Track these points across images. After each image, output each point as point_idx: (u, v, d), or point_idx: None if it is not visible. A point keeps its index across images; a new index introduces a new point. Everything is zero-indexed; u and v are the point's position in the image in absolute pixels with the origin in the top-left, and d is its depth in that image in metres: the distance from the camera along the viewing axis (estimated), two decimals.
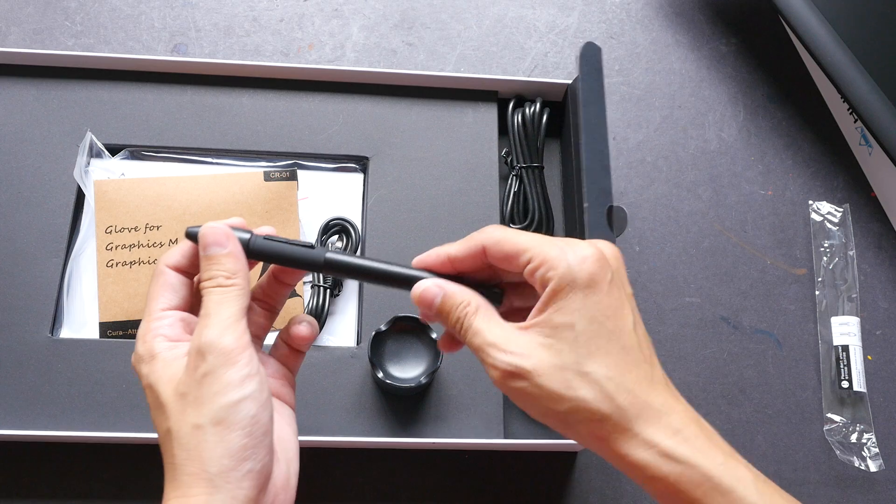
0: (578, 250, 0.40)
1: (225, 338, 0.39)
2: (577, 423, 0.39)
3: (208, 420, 0.38)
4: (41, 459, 0.61)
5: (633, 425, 0.39)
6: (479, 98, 0.72)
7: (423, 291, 0.43)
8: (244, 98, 0.70)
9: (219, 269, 0.42)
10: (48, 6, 0.77)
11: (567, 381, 0.39)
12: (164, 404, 0.39)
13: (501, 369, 0.39)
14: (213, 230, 0.42)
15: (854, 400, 0.68)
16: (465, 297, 0.42)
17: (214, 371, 0.38)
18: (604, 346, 0.39)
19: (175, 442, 0.38)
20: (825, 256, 0.73)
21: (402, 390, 0.60)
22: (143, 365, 0.41)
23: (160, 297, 0.42)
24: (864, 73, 0.70)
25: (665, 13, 0.83)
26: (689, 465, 0.38)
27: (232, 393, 0.38)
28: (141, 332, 0.42)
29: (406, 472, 0.63)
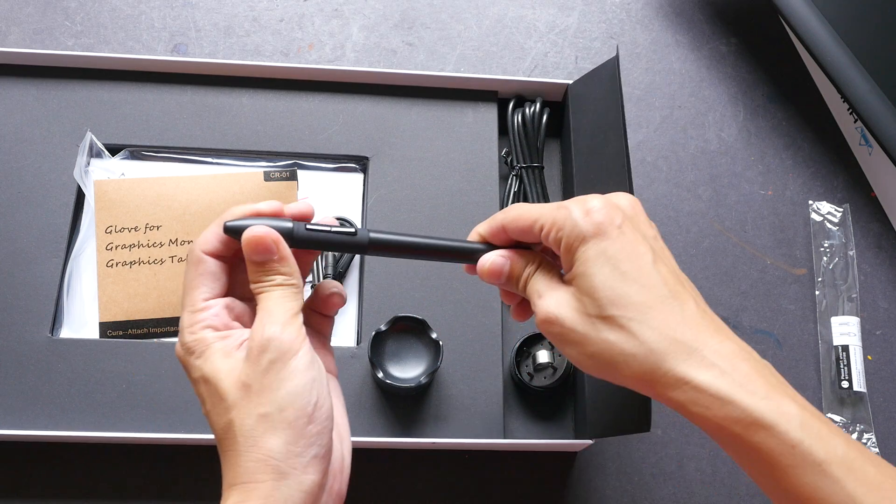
0: (584, 204, 0.42)
1: (286, 332, 0.40)
2: (612, 365, 0.40)
3: (275, 408, 0.38)
4: (41, 459, 0.61)
5: (663, 363, 0.39)
6: (479, 98, 0.72)
7: (491, 264, 0.45)
8: (244, 98, 0.70)
9: (273, 273, 0.42)
10: (48, 6, 0.77)
11: (593, 325, 0.40)
12: (224, 396, 0.39)
13: (540, 317, 0.43)
14: (259, 239, 0.41)
15: (854, 400, 0.68)
16: (527, 259, 0.45)
17: (278, 360, 0.39)
18: (622, 289, 0.40)
19: (239, 432, 0.38)
20: (825, 256, 0.73)
21: (402, 390, 0.60)
22: (194, 358, 0.41)
23: (202, 287, 0.42)
24: (864, 73, 0.70)
25: (665, 13, 0.83)
26: (727, 402, 0.37)
27: (297, 379, 0.39)
28: (186, 323, 0.42)
29: (406, 472, 0.63)
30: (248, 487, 0.38)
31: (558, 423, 0.64)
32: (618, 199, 0.43)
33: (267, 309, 0.41)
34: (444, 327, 0.64)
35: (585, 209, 0.42)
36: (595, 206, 0.42)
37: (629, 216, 0.42)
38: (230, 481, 0.38)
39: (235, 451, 0.39)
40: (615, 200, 0.43)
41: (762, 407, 0.37)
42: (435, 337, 0.61)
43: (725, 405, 0.37)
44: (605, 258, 0.41)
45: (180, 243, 0.65)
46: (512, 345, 0.65)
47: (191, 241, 0.65)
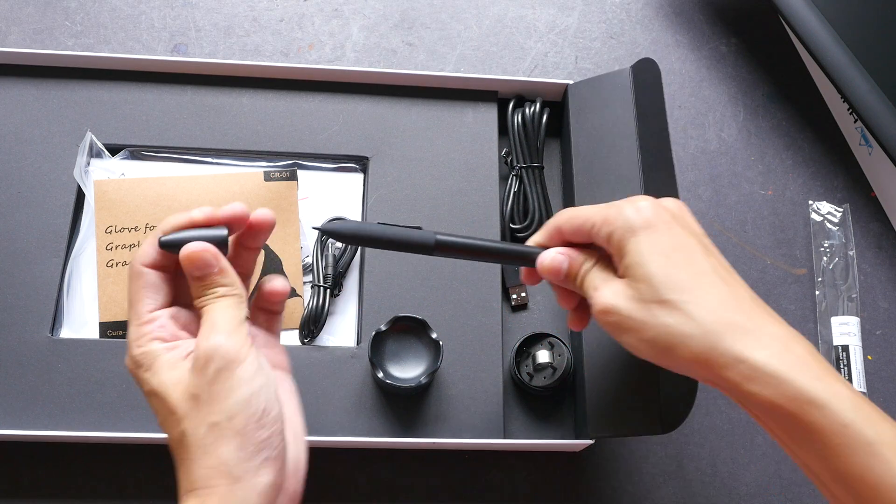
0: (634, 202, 0.45)
1: (231, 340, 0.40)
2: (669, 348, 0.42)
3: (224, 416, 0.39)
4: (41, 459, 0.61)
5: (720, 343, 0.40)
6: (479, 98, 0.72)
7: (551, 260, 0.47)
8: (244, 98, 0.70)
9: (215, 286, 0.42)
10: (48, 6, 0.77)
11: (650, 310, 0.42)
12: (174, 408, 0.40)
13: (597, 308, 0.44)
14: (196, 255, 0.42)
15: None
16: (585, 256, 0.47)
17: (224, 369, 0.39)
18: (676, 275, 0.42)
19: (191, 442, 0.39)
20: (825, 256, 0.73)
21: (402, 390, 0.60)
22: (142, 371, 0.41)
23: (144, 300, 0.42)
24: (864, 73, 0.70)
25: (665, 13, 0.83)
26: (782, 381, 0.39)
27: (244, 388, 0.39)
28: (132, 336, 0.42)
29: (406, 472, 0.63)
30: (203, 493, 0.38)
31: (558, 423, 0.64)
32: (665, 202, 0.46)
33: (211, 320, 0.41)
34: (444, 327, 0.64)
35: (636, 207, 0.44)
36: (644, 205, 0.44)
37: (677, 216, 0.45)
38: (186, 488, 0.39)
39: (189, 460, 0.39)
40: (663, 202, 0.45)
41: (816, 387, 0.38)
42: (435, 337, 0.61)
43: (781, 384, 0.39)
44: (657, 248, 0.43)
45: None
46: (512, 345, 0.65)
47: None
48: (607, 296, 0.44)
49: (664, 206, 0.45)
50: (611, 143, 0.65)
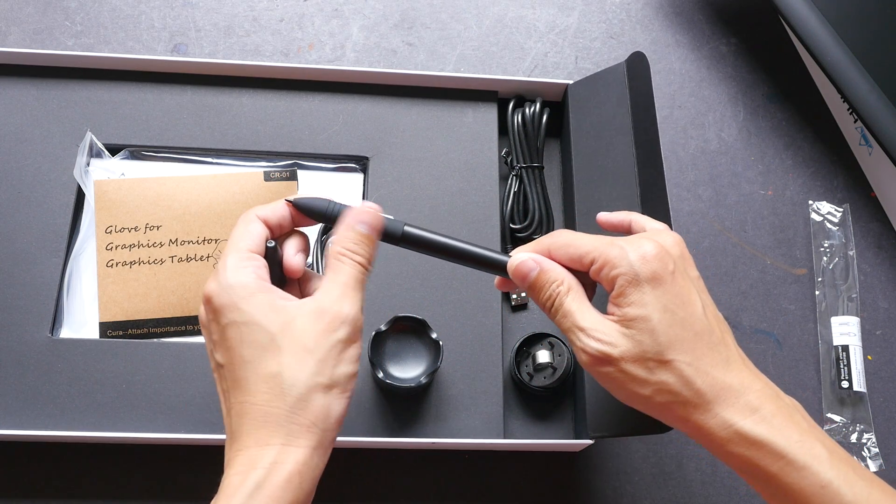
0: (639, 248, 0.43)
1: (360, 319, 0.43)
2: (660, 404, 0.42)
3: (330, 381, 0.41)
4: (41, 459, 0.61)
5: (712, 406, 0.41)
6: (479, 98, 0.72)
7: (520, 263, 0.46)
8: (244, 98, 0.70)
9: (367, 250, 0.44)
10: (48, 6, 0.77)
11: (649, 368, 0.42)
12: (280, 349, 0.41)
13: (591, 354, 0.43)
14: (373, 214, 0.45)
15: (854, 400, 0.68)
16: (558, 275, 0.45)
17: (347, 342, 0.42)
18: (679, 334, 0.42)
19: (289, 389, 0.40)
20: (825, 256, 0.73)
21: (402, 390, 0.60)
22: (240, 300, 0.42)
23: (247, 239, 0.44)
24: (864, 73, 0.70)
25: (665, 13, 0.83)
26: (765, 443, 0.40)
27: (352, 366, 0.43)
28: (231, 263, 0.43)
29: (406, 472, 0.63)
30: (289, 451, 0.40)
31: (558, 423, 0.64)
32: (666, 242, 0.44)
33: (346, 286, 0.43)
34: (444, 327, 0.64)
35: (641, 254, 0.43)
36: (650, 252, 0.43)
37: (676, 259, 0.44)
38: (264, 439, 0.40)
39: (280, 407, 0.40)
40: (665, 244, 0.44)
41: (796, 449, 0.40)
42: (435, 337, 0.61)
43: (763, 447, 0.40)
44: (663, 304, 0.42)
45: (180, 243, 0.65)
46: (512, 345, 0.65)
47: (191, 242, 0.65)
48: (604, 344, 0.42)
49: (668, 251, 0.44)
50: (608, 141, 0.65)
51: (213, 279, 0.43)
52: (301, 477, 0.40)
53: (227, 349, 0.42)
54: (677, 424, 0.43)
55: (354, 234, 0.44)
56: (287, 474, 0.39)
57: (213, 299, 0.42)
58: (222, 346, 0.42)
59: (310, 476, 0.40)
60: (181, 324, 0.64)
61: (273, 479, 0.39)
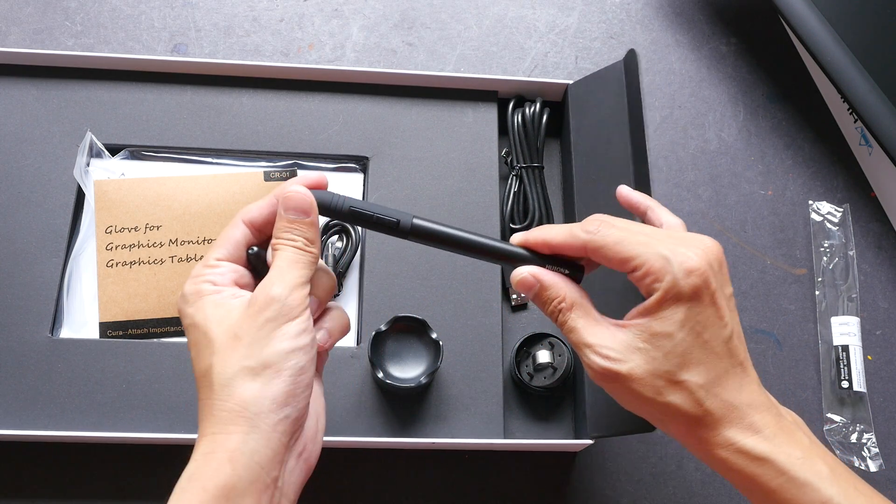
0: (684, 259, 0.41)
1: (292, 295, 0.42)
2: (667, 421, 0.42)
3: (259, 363, 0.40)
4: (41, 459, 0.61)
5: (718, 427, 0.41)
6: (479, 98, 0.72)
7: (520, 280, 0.45)
8: (244, 98, 0.70)
9: (299, 233, 0.44)
10: (48, 6, 0.77)
11: (659, 388, 0.41)
12: (212, 341, 0.41)
13: (597, 371, 0.42)
14: (299, 196, 0.44)
15: (854, 400, 0.68)
16: (560, 292, 0.44)
17: (276, 319, 0.41)
18: (698, 357, 0.41)
19: (216, 379, 0.40)
20: (825, 256, 0.73)
21: (402, 390, 0.60)
22: (188, 306, 0.43)
23: (221, 248, 0.45)
24: (864, 73, 0.70)
25: (665, 13, 0.83)
26: (767, 462, 0.41)
27: (288, 342, 0.41)
28: (193, 273, 0.44)
29: (406, 472, 0.63)
30: (218, 439, 0.39)
31: (558, 423, 0.64)
32: (710, 254, 0.42)
33: (279, 268, 0.43)
34: (444, 327, 0.64)
35: (686, 268, 0.41)
36: (695, 266, 0.41)
37: (717, 277, 0.42)
38: (203, 429, 0.40)
39: (210, 399, 0.40)
40: (709, 257, 0.42)
41: (797, 467, 0.40)
42: (435, 337, 0.61)
43: (765, 464, 0.41)
44: (692, 324, 0.41)
45: (180, 243, 0.65)
46: (512, 345, 0.65)
47: (191, 242, 0.65)
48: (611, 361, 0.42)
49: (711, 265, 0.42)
50: (607, 139, 0.65)
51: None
52: (233, 463, 0.39)
53: (189, 350, 0.43)
54: (681, 439, 0.43)
55: (283, 223, 0.44)
56: (216, 462, 0.39)
57: (178, 307, 0.44)
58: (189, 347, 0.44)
59: (245, 461, 0.39)
60: (181, 324, 0.64)
61: (203, 469, 0.39)
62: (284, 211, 0.44)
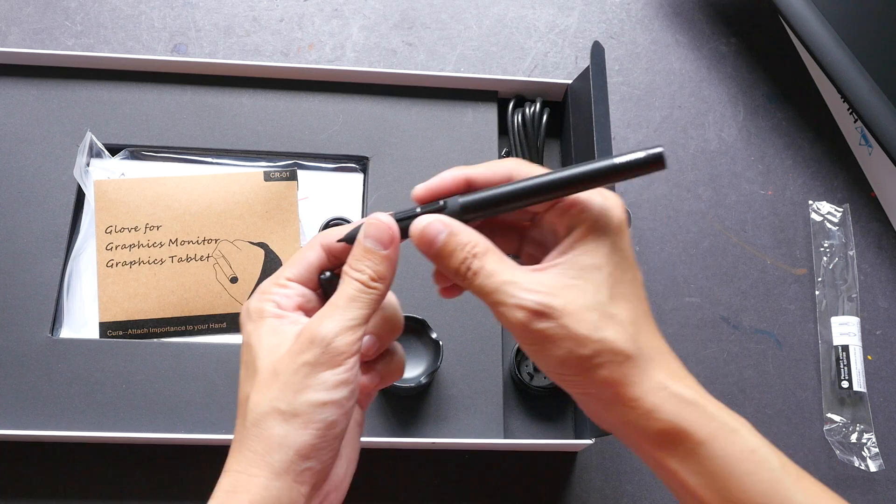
0: (610, 196, 0.39)
1: (340, 338, 0.38)
2: (598, 366, 0.38)
3: (289, 409, 0.37)
4: (41, 459, 0.61)
5: (648, 368, 0.39)
6: (479, 98, 0.72)
7: (424, 227, 0.40)
8: (244, 98, 0.70)
9: (370, 266, 0.40)
10: (48, 6, 0.77)
11: (594, 322, 0.38)
12: (257, 371, 0.39)
13: (527, 308, 0.38)
14: (381, 225, 0.40)
15: (854, 400, 0.68)
16: (471, 236, 0.40)
17: (315, 365, 0.38)
18: (627, 292, 0.39)
19: (250, 414, 0.38)
20: (825, 256, 0.73)
21: (402, 390, 0.60)
22: (249, 322, 0.40)
23: (294, 266, 0.42)
24: (864, 73, 0.70)
25: (665, 13, 0.83)
26: (699, 406, 0.39)
27: (321, 393, 0.38)
28: (261, 287, 0.41)
29: (406, 472, 0.63)
30: (241, 479, 0.38)
31: (558, 423, 0.64)
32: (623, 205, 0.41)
33: (337, 303, 0.39)
34: (444, 327, 0.64)
35: (614, 201, 0.39)
36: (619, 202, 0.40)
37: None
38: (230, 464, 0.38)
39: (242, 432, 0.38)
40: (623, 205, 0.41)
41: (725, 414, 0.39)
42: (435, 337, 0.61)
43: (697, 409, 0.38)
44: (617, 259, 0.39)
45: (180, 243, 0.65)
46: (512, 345, 0.65)
47: (191, 242, 0.65)
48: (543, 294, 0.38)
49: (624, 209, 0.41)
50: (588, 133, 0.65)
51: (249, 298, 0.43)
52: None
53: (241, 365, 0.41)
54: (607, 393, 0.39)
55: (358, 250, 0.41)
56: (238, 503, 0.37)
57: (239, 318, 0.42)
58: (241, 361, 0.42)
59: None
60: (181, 324, 0.64)
61: None
62: (363, 237, 0.40)
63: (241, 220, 0.66)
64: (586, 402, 0.41)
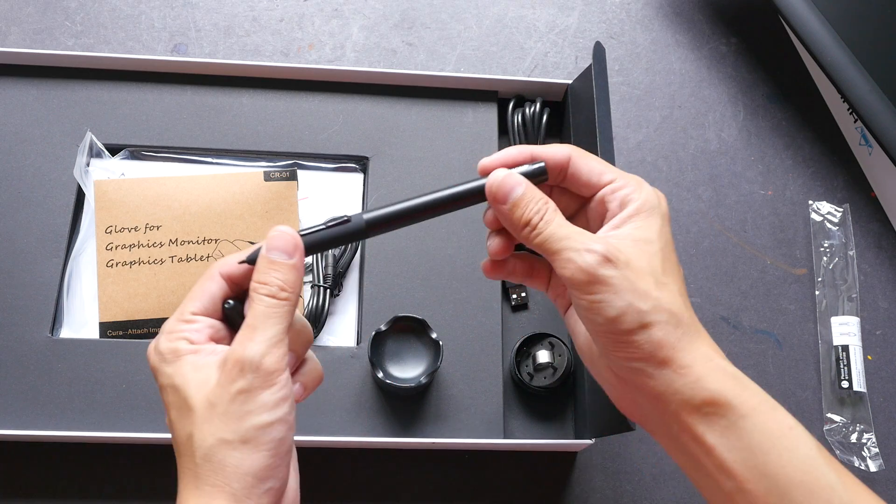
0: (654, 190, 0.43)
1: (268, 357, 0.38)
2: (653, 324, 0.39)
3: (236, 437, 0.38)
4: (41, 459, 0.61)
5: (696, 338, 0.40)
6: (479, 98, 0.72)
7: (505, 177, 0.42)
8: (244, 98, 0.70)
9: (277, 276, 0.40)
10: (48, 6, 0.77)
11: (651, 282, 0.40)
12: (192, 409, 0.38)
13: (597, 251, 0.39)
14: (283, 236, 0.41)
15: (854, 400, 0.68)
16: (543, 194, 0.42)
17: (251, 390, 0.38)
18: (673, 269, 0.41)
19: (198, 450, 0.38)
20: (825, 256, 0.73)
21: (402, 390, 0.60)
22: (165, 364, 0.40)
23: (196, 300, 0.41)
24: (864, 73, 0.70)
25: (665, 13, 0.83)
26: (743, 381, 0.40)
27: (265, 415, 0.38)
28: (167, 327, 0.41)
29: (406, 472, 0.63)
30: None
31: (558, 423, 0.64)
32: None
33: (251, 326, 0.39)
34: (444, 327, 0.64)
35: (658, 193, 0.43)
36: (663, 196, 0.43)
37: None
38: (184, 499, 0.38)
39: (194, 471, 0.38)
40: None
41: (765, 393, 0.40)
42: (435, 337, 0.61)
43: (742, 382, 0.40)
44: (666, 240, 0.42)
45: (180, 243, 0.65)
46: (512, 345, 0.65)
47: (191, 242, 0.65)
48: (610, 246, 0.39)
49: None
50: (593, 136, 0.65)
51: (154, 338, 0.42)
52: None
53: (166, 411, 0.41)
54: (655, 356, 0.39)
55: (263, 263, 0.40)
56: None
57: (149, 359, 0.42)
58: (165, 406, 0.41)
59: None
60: None
61: None
62: (266, 250, 0.40)
63: (241, 220, 0.66)
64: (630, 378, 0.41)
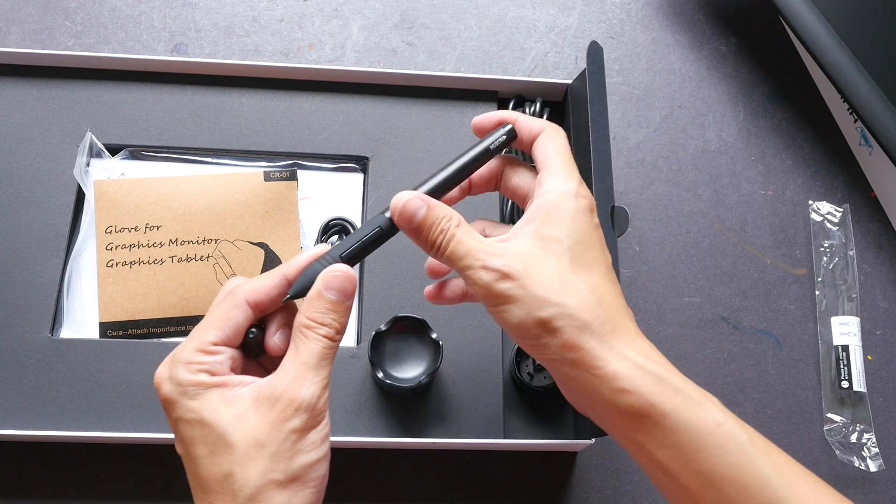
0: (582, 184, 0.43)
1: (321, 399, 0.39)
2: (557, 329, 0.40)
3: (286, 476, 0.38)
4: (41, 459, 0.61)
5: (609, 338, 0.40)
6: (479, 98, 0.72)
7: (406, 203, 0.43)
8: (244, 98, 0.70)
9: (335, 318, 0.40)
10: (48, 6, 0.77)
11: (554, 287, 0.40)
12: (232, 446, 0.38)
13: (492, 268, 0.40)
14: (345, 278, 0.40)
15: (854, 400, 0.68)
16: (446, 211, 0.43)
17: (301, 430, 0.38)
18: (588, 264, 0.41)
19: (240, 490, 0.37)
20: (825, 256, 0.73)
21: (402, 390, 0.60)
22: (187, 399, 0.39)
23: (218, 329, 0.40)
24: (864, 73, 0.70)
25: (665, 13, 0.83)
26: (663, 379, 0.39)
27: (312, 453, 0.39)
28: (184, 357, 0.39)
29: (406, 472, 0.63)
30: None
31: (558, 423, 0.64)
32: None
33: (306, 365, 0.39)
34: (444, 327, 0.64)
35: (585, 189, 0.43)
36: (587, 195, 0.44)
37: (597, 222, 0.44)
38: None
39: None
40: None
41: (690, 388, 0.40)
42: (435, 337, 0.61)
43: (661, 381, 0.39)
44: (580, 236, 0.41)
45: (180, 243, 0.65)
46: (512, 345, 0.65)
47: (191, 242, 0.65)
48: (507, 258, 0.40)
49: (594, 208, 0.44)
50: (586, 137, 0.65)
51: (165, 364, 0.40)
52: None
53: (182, 444, 0.39)
54: (568, 357, 0.40)
55: (322, 303, 0.40)
56: None
57: (161, 389, 0.40)
58: (177, 440, 0.40)
59: None
60: (181, 324, 0.64)
61: None
62: (325, 289, 0.40)
63: (241, 220, 0.66)
64: (558, 375, 0.42)
